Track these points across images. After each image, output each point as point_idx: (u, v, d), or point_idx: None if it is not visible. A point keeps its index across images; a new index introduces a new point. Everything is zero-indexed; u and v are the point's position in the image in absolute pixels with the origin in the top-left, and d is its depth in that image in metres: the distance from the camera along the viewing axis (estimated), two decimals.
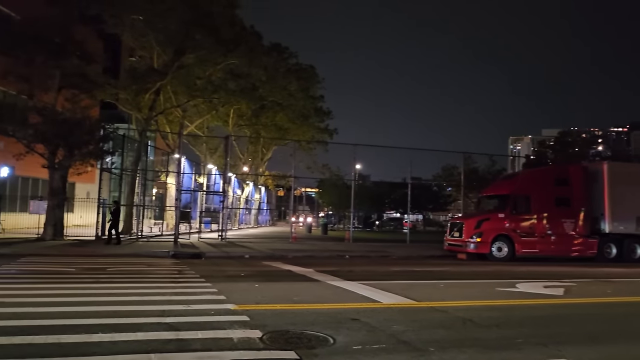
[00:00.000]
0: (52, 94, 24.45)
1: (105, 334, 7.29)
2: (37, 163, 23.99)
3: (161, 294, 10.62)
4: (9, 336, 6.98)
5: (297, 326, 8.20)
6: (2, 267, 14.33)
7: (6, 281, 11.83)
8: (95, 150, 24.22)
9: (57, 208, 23.40)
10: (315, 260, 19.96)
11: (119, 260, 17.25)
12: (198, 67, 31.32)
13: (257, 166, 53.17)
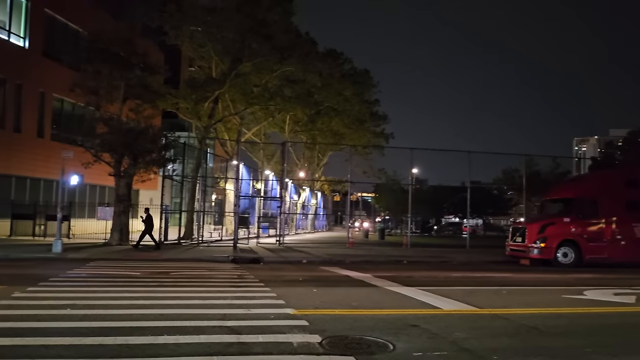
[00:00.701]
0: (118, 104, 25.50)
1: (170, 337, 7.51)
2: (104, 171, 25.06)
3: (222, 298, 10.83)
4: (81, 337, 7.30)
5: (356, 331, 8.17)
6: (73, 271, 15.02)
7: (77, 284, 12.39)
8: (157, 158, 25.06)
9: (123, 214, 24.34)
10: (372, 265, 19.84)
11: (181, 265, 17.73)
12: (255, 75, 31.90)
13: (314, 171, 53.51)
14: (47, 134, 31.90)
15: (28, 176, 30.16)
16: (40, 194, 30.50)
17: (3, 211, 27.85)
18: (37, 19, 30.70)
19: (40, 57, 31.00)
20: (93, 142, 24.49)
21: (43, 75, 30.66)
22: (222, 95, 31.49)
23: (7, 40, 29.00)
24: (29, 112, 30.37)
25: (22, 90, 29.79)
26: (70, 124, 33.02)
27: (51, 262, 17.90)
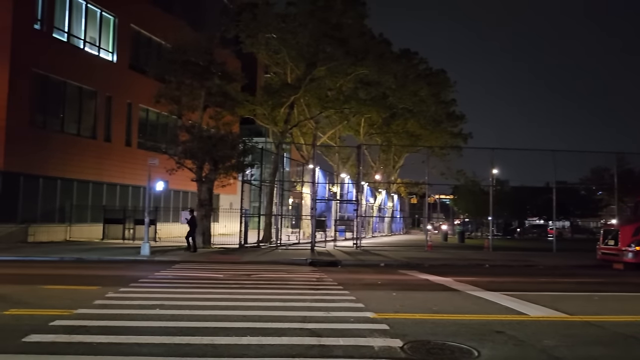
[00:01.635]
0: (198, 112, 26.46)
1: (253, 337, 7.66)
2: (186, 177, 26.08)
3: (302, 301, 10.93)
4: (170, 336, 7.60)
5: (438, 337, 7.98)
6: (160, 273, 15.69)
7: (164, 286, 12.94)
8: (237, 164, 25.75)
9: (205, 218, 25.19)
10: (453, 269, 19.36)
11: (260, 268, 18.09)
12: (329, 79, 32.11)
13: (389, 174, 53.07)
14: (134, 143, 33.66)
15: (118, 183, 31.94)
16: (128, 200, 32.21)
17: (96, 216, 29.64)
18: (123, 35, 32.52)
19: (127, 70, 32.80)
20: (176, 149, 25.55)
21: (130, 87, 32.40)
22: (298, 100, 31.93)
23: (97, 56, 30.90)
24: (118, 123, 32.19)
25: (112, 102, 31.63)
26: (154, 132, 34.71)
27: (140, 264, 18.81)
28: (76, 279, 13.91)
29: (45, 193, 27.15)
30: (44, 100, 27.43)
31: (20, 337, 7.30)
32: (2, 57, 24.65)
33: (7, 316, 8.75)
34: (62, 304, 9.85)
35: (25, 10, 25.87)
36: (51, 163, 27.14)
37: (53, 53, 27.38)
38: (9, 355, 6.51)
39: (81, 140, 29.55)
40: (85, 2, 29.90)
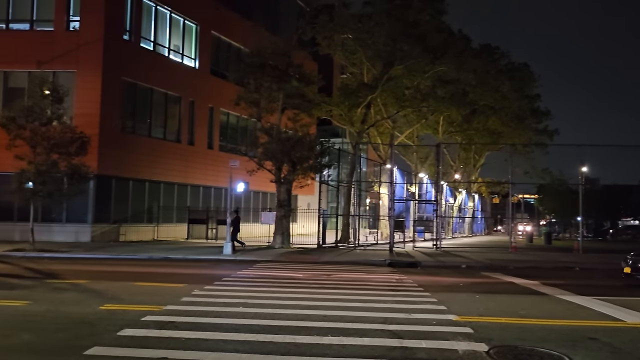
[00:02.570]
0: (277, 115, 26.95)
1: (335, 337, 7.67)
2: (265, 178, 26.61)
3: (382, 302, 10.84)
4: (254, 334, 7.76)
5: (526, 342, 7.65)
6: (242, 272, 16.10)
7: (247, 284, 13.26)
8: (314, 165, 25.99)
9: (284, 218, 25.61)
10: (539, 272, 18.52)
11: (339, 268, 18.14)
12: (406, 78, 31.69)
13: (470, 173, 51.65)
14: (216, 146, 34.82)
15: (201, 184, 33.16)
16: (211, 201, 33.33)
17: (181, 217, 30.92)
18: (205, 41, 33.74)
19: (209, 76, 33.99)
20: (256, 151, 26.14)
21: (211, 92, 33.56)
22: (374, 100, 31.76)
23: (181, 63, 32.23)
24: (201, 126, 33.42)
25: (195, 107, 32.89)
26: (235, 135, 35.73)
27: (222, 263, 19.41)
28: (164, 277, 14.55)
29: (135, 195, 28.63)
30: (132, 107, 28.96)
31: (115, 331, 7.72)
32: (95, 67, 26.25)
33: (103, 311, 9.28)
34: (152, 300, 10.32)
35: (115, 22, 27.42)
36: (140, 166, 28.59)
37: (140, 62, 28.84)
38: (105, 347, 6.89)
39: (167, 144, 30.92)
40: (170, 12, 31.27)
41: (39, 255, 20.08)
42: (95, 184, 25.54)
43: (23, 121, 21.36)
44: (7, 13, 27.41)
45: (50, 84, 22.56)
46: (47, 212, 24.92)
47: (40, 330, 7.73)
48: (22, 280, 13.20)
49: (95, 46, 26.23)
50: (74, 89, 25.44)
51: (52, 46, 26.30)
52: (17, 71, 26.90)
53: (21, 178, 21.35)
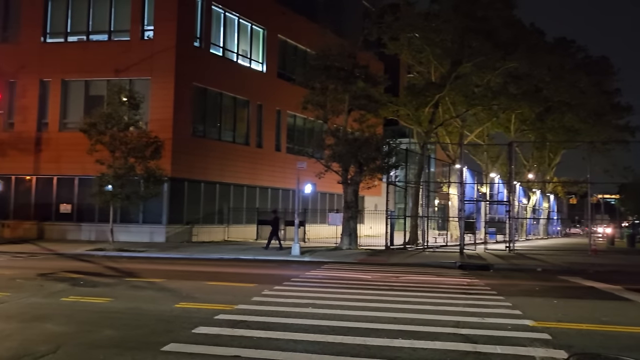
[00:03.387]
0: (343, 116, 26.95)
1: (405, 340, 7.55)
2: (333, 180, 26.68)
3: (453, 305, 10.57)
4: (324, 334, 7.77)
5: (610, 350, 7.23)
6: (311, 273, 16.20)
7: (315, 285, 13.31)
8: (381, 165, 25.79)
9: (351, 219, 25.56)
10: (623, 276, 17.47)
11: (408, 270, 17.89)
12: (475, 75, 30.86)
13: (544, 172, 49.60)
14: (283, 148, 35.29)
15: (269, 186, 33.71)
16: (279, 202, 33.81)
17: (250, 218, 31.53)
18: (272, 45, 34.30)
19: (276, 79, 34.52)
20: (322, 153, 26.24)
21: (278, 95, 34.05)
22: (442, 98, 31.12)
23: (249, 67, 32.91)
24: (268, 129, 33.99)
25: (262, 110, 33.48)
26: (302, 137, 36.08)
27: (291, 264, 19.61)
28: (235, 277, 14.86)
29: (206, 197, 29.46)
30: (203, 111, 29.85)
31: (190, 329, 7.95)
32: (168, 74, 27.26)
33: (179, 309, 9.59)
34: (224, 300, 10.57)
35: (186, 30, 28.37)
36: (210, 169, 29.41)
37: (210, 67, 29.69)
38: (181, 344, 7.11)
39: (236, 147, 31.65)
40: (238, 18, 32.01)
41: (118, 254, 21.07)
42: (169, 187, 26.48)
43: (103, 127, 22.50)
44: (87, 26, 28.96)
45: (127, 92, 23.65)
46: (125, 213, 26.12)
47: (120, 327, 8.07)
48: (103, 278, 13.87)
49: (168, 54, 27.23)
50: (149, 95, 26.52)
51: (128, 55, 27.54)
52: (96, 80, 28.36)
53: (101, 181, 22.51)
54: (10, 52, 28.77)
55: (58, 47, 29.05)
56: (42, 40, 29.11)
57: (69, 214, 27.77)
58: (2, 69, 26.95)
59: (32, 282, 12.73)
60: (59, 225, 27.69)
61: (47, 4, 29.14)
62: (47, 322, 8.27)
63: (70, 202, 27.79)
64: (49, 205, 27.96)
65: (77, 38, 29.17)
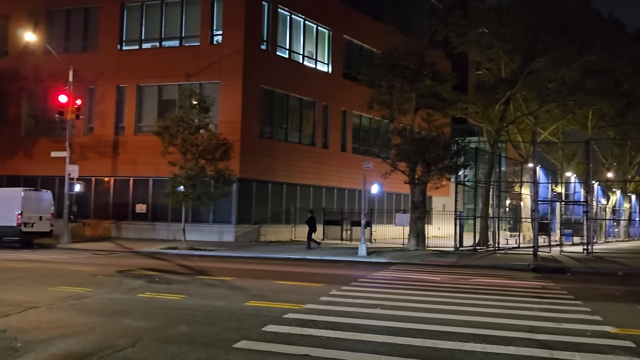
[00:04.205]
0: (410, 115, 26.60)
1: (477, 344, 7.34)
2: (399, 180, 26.40)
3: (527, 309, 10.19)
4: (393, 336, 7.68)
5: None
6: (378, 273, 16.10)
7: (383, 286, 13.21)
8: (450, 165, 25.27)
9: (419, 220, 25.19)
10: None
11: (479, 272, 17.43)
12: (549, 70, 29.60)
13: (625, 171, 46.91)
14: (349, 148, 35.30)
15: (335, 186, 33.80)
16: (345, 202, 33.84)
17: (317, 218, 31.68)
18: (337, 46, 34.39)
19: (341, 79, 34.59)
20: (389, 152, 26.00)
21: (344, 95, 34.09)
22: (514, 95, 30.07)
23: (315, 68, 33.15)
24: (334, 130, 34.10)
25: (328, 111, 33.63)
26: (367, 137, 35.93)
27: (357, 264, 19.58)
28: (302, 276, 14.98)
29: (273, 197, 29.92)
30: (270, 113, 30.33)
31: (260, 327, 8.08)
32: (236, 77, 27.89)
33: (249, 307, 9.77)
34: (292, 299, 10.67)
35: (254, 34, 28.92)
36: (277, 170, 29.84)
37: (277, 69, 30.13)
38: (252, 342, 7.23)
39: (302, 148, 31.95)
40: (304, 20, 32.32)
41: (190, 252, 21.78)
42: (237, 187, 27.08)
43: (175, 130, 23.31)
44: (160, 33, 30.14)
45: (198, 95, 24.40)
46: (196, 213, 26.96)
47: (194, 323, 8.32)
48: (177, 275, 14.37)
49: (236, 57, 27.87)
50: (218, 98, 27.23)
51: (198, 60, 28.42)
52: (169, 84, 29.44)
53: (174, 182, 23.33)
54: (90, 60, 30.37)
55: (133, 54, 30.40)
56: (119, 48, 30.56)
57: (144, 214, 28.99)
58: (82, 76, 28.51)
59: (112, 278, 13.37)
60: (134, 224, 28.95)
61: (122, 14, 30.55)
62: (126, 317, 8.65)
63: (145, 202, 29.00)
64: (125, 205, 29.30)
65: (151, 45, 30.43)
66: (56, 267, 15.98)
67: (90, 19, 31.56)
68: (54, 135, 29.93)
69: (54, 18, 32.14)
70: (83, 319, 8.45)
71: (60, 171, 25.94)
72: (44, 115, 31.07)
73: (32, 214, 22.97)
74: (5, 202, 22.90)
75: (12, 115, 32.16)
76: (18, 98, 32.16)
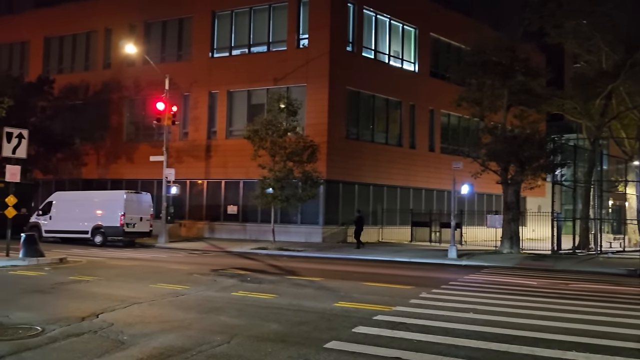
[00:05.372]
0: (501, 113, 25.59)
1: (579, 353, 6.92)
2: (490, 180, 25.50)
3: (635, 317, 9.49)
4: (486, 342, 7.39)
5: None
6: (469, 277, 15.62)
7: (475, 290, 12.79)
8: (545, 164, 24.10)
9: (512, 222, 24.17)
10: None
11: (579, 277, 16.45)
12: None
13: None
14: (437, 148, 34.59)
15: (423, 187, 33.23)
16: (433, 203, 33.17)
17: (404, 219, 31.35)
18: (423, 44, 33.81)
19: (428, 78, 33.96)
20: (479, 152, 25.20)
21: (431, 94, 33.45)
22: (616, 89, 28.09)
23: (401, 67, 32.79)
24: (421, 129, 33.55)
25: (415, 110, 33.14)
26: (456, 136, 34.98)
27: (447, 267, 19.11)
28: (390, 278, 14.82)
29: (360, 198, 29.87)
30: (356, 114, 30.33)
31: (350, 328, 8.07)
32: (323, 80, 28.16)
33: (338, 308, 9.80)
34: (381, 300, 10.58)
35: (339, 36, 29.07)
36: (364, 171, 29.78)
37: (362, 70, 30.09)
38: (342, 342, 7.23)
39: (389, 149, 31.68)
40: (389, 19, 32.06)
41: (279, 253, 22.24)
42: (324, 189, 27.32)
43: (264, 133, 23.93)
44: (248, 39, 31.07)
45: (285, 99, 24.89)
46: (284, 214, 27.47)
47: (285, 322, 8.46)
48: (267, 275, 14.71)
49: (322, 60, 28.16)
50: (305, 101, 27.61)
51: (285, 64, 28.99)
52: (257, 89, 30.27)
53: (263, 184, 23.96)
54: (184, 69, 31.86)
55: (224, 61, 31.54)
56: (210, 56, 31.84)
57: (234, 215, 29.98)
58: (177, 84, 29.99)
59: (207, 277, 13.91)
60: (226, 225, 30.01)
61: (213, 23, 31.80)
62: (221, 315, 8.95)
63: (236, 204, 29.98)
64: (217, 207, 30.44)
65: (240, 51, 31.44)
66: (156, 265, 16.88)
67: (184, 29, 33.12)
68: (152, 140, 31.68)
69: (151, 30, 34.06)
70: (182, 315, 8.84)
71: (158, 174, 27.42)
72: (143, 122, 33.00)
73: (134, 215, 24.41)
74: (109, 204, 24.54)
75: (115, 122, 34.41)
76: (120, 106, 34.36)
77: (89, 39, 36.25)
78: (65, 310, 9.03)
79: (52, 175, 34.53)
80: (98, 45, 35.62)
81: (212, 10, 31.65)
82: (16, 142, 16.37)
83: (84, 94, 34.83)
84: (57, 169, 34.75)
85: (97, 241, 24.25)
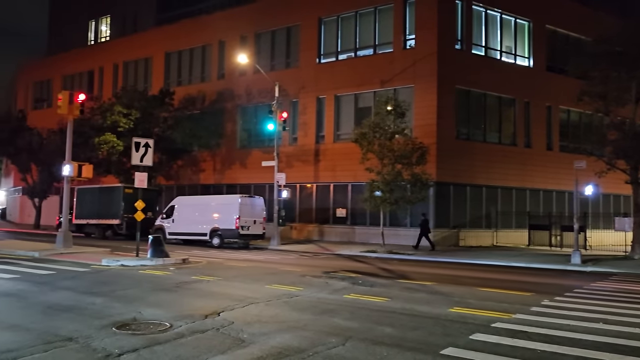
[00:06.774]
0: (629, 106, 23.57)
1: None
2: (617, 179, 23.59)
3: None
4: (620, 355, 6.82)
5: None
6: (596, 284, 14.51)
7: (603, 298, 11.85)
8: None
9: None
10: None
11: None
12: None
13: None
14: (556, 146, 32.55)
15: (540, 188, 31.42)
16: (552, 205, 31.27)
17: (521, 222, 29.84)
18: (538, 37, 32.00)
19: (544, 73, 32.06)
20: (604, 149, 23.39)
21: (548, 90, 31.56)
22: None
23: (514, 63, 31.28)
24: (537, 127, 31.75)
25: (530, 107, 31.45)
26: (577, 133, 32.74)
27: (570, 273, 17.89)
28: (508, 284, 14.14)
29: (472, 200, 28.88)
30: (466, 114, 29.36)
31: (467, 334, 7.78)
32: (431, 80, 27.59)
33: (453, 313, 9.50)
34: (499, 307, 10.12)
35: (447, 34, 28.35)
36: (476, 172, 28.73)
37: (472, 68, 29.07)
38: (460, 349, 6.99)
39: (502, 148, 30.33)
40: (500, 14, 30.73)
41: (389, 256, 22.07)
42: (434, 191, 26.73)
43: (371, 136, 23.91)
44: (354, 43, 31.23)
45: (393, 101, 24.68)
46: (393, 217, 27.25)
47: (399, 326, 8.34)
48: (378, 278, 14.63)
49: (430, 60, 27.62)
50: (412, 102, 27.22)
51: (391, 65, 28.79)
52: (364, 92, 30.31)
53: (371, 187, 23.92)
54: (293, 75, 32.72)
55: (330, 66, 31.97)
56: (317, 62, 32.41)
57: (343, 218, 30.21)
58: (287, 91, 30.84)
59: (319, 279, 14.11)
60: (335, 227, 30.33)
61: (320, 29, 32.35)
62: (335, 317, 9.02)
63: (344, 207, 30.21)
64: (326, 210, 30.86)
65: (346, 56, 31.67)
66: (269, 266, 17.42)
67: (292, 37, 34.01)
68: (263, 146, 32.80)
69: (261, 40, 35.36)
70: (297, 316, 9.03)
71: (269, 179, 28.36)
72: (254, 128, 34.31)
73: (248, 218, 25.41)
74: (225, 207, 25.75)
75: (229, 130, 36.08)
76: (233, 114, 35.99)
77: (204, 51, 38.37)
78: (190, 308, 9.56)
79: (173, 181, 36.99)
80: (212, 57, 37.59)
81: (318, 17, 32.23)
82: (143, 151, 17.69)
83: (201, 103, 36.90)
84: (177, 175, 37.17)
85: (215, 243, 25.57)
